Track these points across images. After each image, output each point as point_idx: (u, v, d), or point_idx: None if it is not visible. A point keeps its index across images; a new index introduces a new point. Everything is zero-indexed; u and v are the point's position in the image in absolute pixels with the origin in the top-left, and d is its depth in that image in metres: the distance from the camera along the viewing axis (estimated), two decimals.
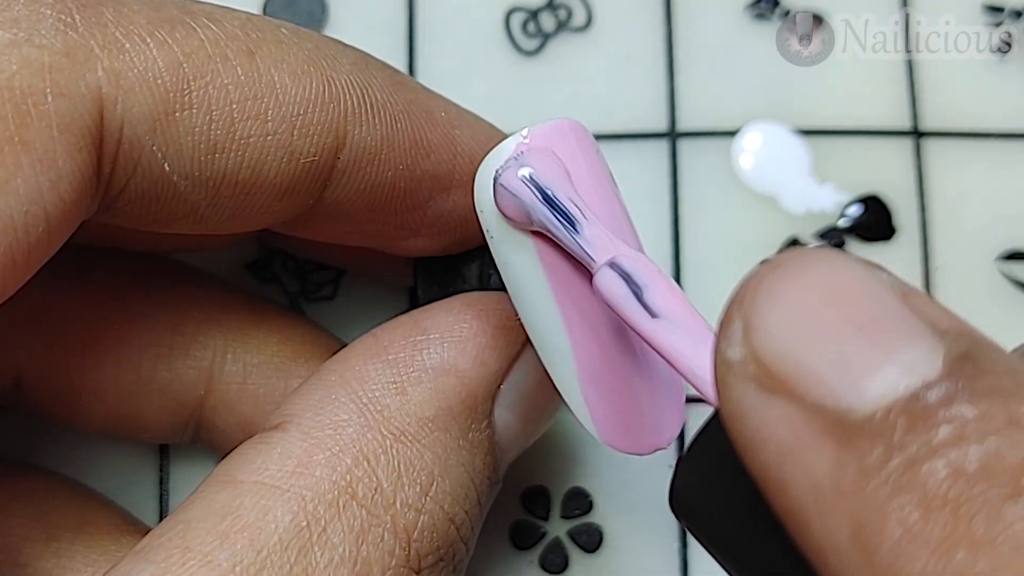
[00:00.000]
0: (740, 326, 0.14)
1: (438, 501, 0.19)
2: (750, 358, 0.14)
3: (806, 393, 0.13)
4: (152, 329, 0.22)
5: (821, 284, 0.14)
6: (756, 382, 0.14)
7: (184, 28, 0.18)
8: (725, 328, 0.14)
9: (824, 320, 0.13)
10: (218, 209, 0.19)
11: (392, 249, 0.21)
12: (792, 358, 0.13)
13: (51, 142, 0.16)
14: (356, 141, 0.19)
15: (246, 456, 0.18)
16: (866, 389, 0.13)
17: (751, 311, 0.14)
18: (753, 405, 0.14)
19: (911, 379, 0.13)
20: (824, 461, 0.13)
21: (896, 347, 0.13)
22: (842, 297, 0.14)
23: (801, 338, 0.13)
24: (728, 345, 0.14)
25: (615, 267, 0.17)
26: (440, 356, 0.19)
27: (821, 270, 0.14)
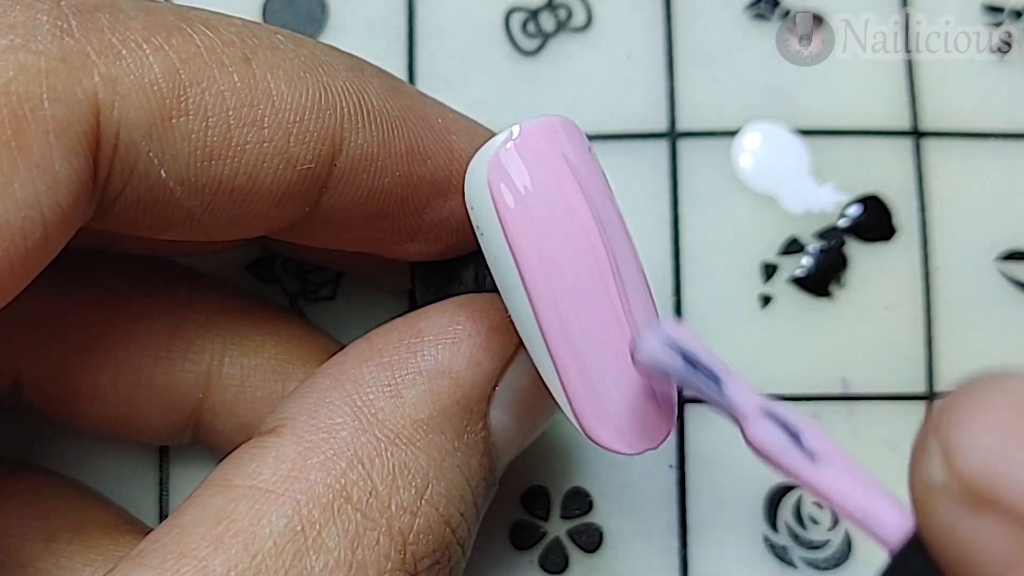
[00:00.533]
0: (938, 449, 0.14)
1: (433, 504, 0.19)
2: (953, 479, 0.14)
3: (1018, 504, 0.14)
4: (151, 332, 0.22)
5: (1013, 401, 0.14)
6: (963, 502, 0.14)
7: (180, 34, 0.18)
8: (922, 452, 0.15)
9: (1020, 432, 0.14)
10: (214, 215, 0.19)
11: (389, 254, 0.21)
12: (997, 474, 0.14)
13: (48, 147, 0.16)
14: (352, 148, 0.19)
15: (241, 460, 0.18)
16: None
17: (948, 434, 0.14)
18: (963, 524, 0.14)
19: None
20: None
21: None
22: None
23: (1003, 453, 0.14)
24: (928, 468, 0.14)
25: (771, 416, 0.17)
26: (434, 358, 0.19)
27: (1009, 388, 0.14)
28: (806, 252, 0.26)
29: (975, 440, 0.14)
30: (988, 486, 0.14)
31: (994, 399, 0.14)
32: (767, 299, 0.26)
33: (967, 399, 0.14)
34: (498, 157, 0.19)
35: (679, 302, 0.25)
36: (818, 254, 0.26)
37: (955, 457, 0.14)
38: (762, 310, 0.26)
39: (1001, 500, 0.14)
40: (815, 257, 0.26)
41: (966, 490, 0.14)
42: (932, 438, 0.15)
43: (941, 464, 0.14)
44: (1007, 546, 0.14)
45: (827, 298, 0.26)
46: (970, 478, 0.14)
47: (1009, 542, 0.14)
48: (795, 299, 0.26)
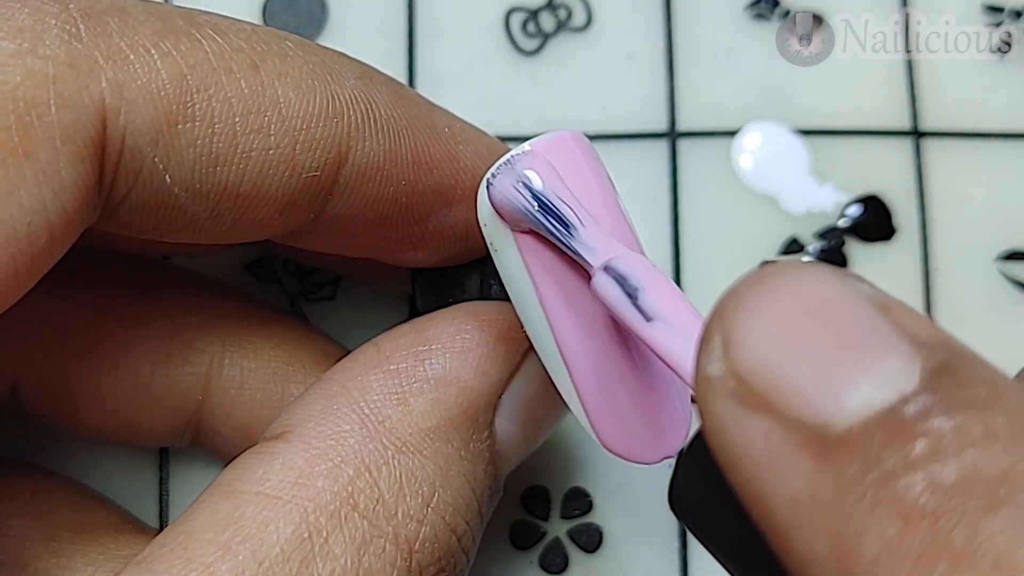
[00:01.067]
0: (720, 342, 0.14)
1: (439, 512, 0.19)
2: (730, 374, 0.14)
3: (785, 409, 0.13)
4: (150, 335, 0.22)
5: (799, 298, 0.14)
6: (736, 398, 0.14)
7: (189, 40, 0.18)
8: (705, 344, 0.14)
9: (802, 334, 0.13)
10: (218, 221, 0.19)
11: (391, 260, 0.21)
12: (771, 373, 0.13)
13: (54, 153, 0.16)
14: (359, 156, 0.19)
15: (248, 466, 0.18)
16: (844, 403, 0.13)
17: (730, 327, 0.14)
18: (733, 421, 0.14)
19: (888, 393, 0.13)
20: (802, 476, 0.13)
21: (873, 360, 0.13)
22: (820, 311, 0.14)
23: (780, 353, 0.13)
24: (708, 361, 0.14)
25: (609, 270, 0.17)
26: (442, 366, 0.19)
27: (800, 283, 0.14)
28: (806, 252, 0.26)
29: (754, 335, 0.14)
30: (761, 385, 0.13)
31: (777, 293, 0.14)
32: None
33: (754, 290, 0.14)
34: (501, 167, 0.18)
35: None
36: (818, 254, 0.26)
37: (733, 351, 0.14)
38: None
39: (771, 401, 0.13)
40: (815, 257, 0.26)
41: (740, 387, 0.14)
42: (716, 328, 0.14)
43: (720, 357, 0.14)
44: (769, 448, 0.13)
45: None
46: (744, 374, 0.14)
47: (771, 444, 0.13)
48: None
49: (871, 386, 0.13)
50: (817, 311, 0.14)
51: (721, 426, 0.14)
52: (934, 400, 0.13)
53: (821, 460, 0.13)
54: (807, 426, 0.13)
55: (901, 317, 0.14)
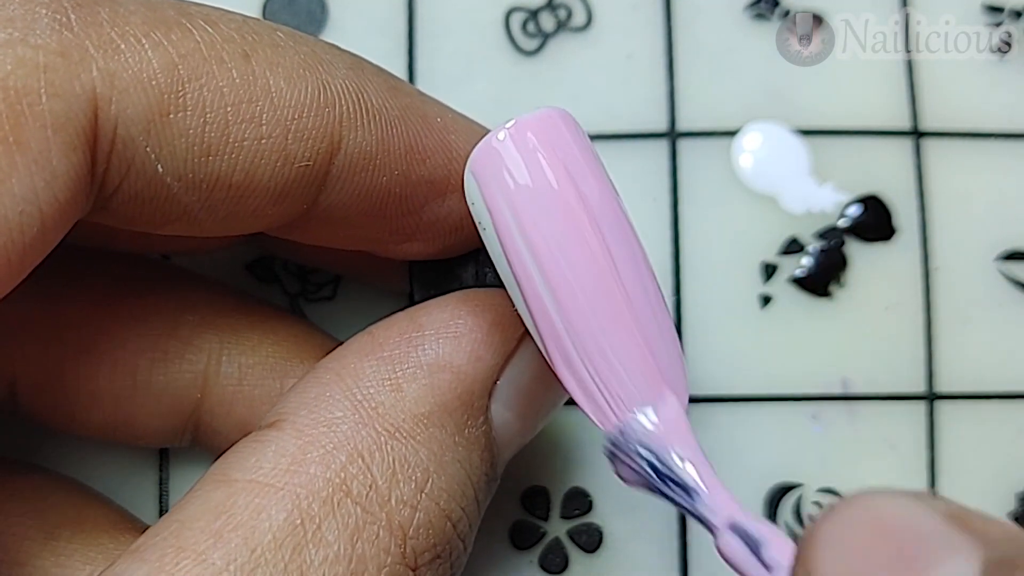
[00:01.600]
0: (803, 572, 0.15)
1: (434, 498, 0.19)
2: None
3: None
4: (147, 334, 0.22)
5: (871, 522, 0.14)
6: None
7: (180, 29, 0.18)
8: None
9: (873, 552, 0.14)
10: (212, 212, 0.19)
11: (387, 253, 0.21)
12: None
13: (46, 142, 0.16)
14: (351, 146, 0.19)
15: (241, 454, 0.18)
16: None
17: (810, 559, 0.15)
18: None
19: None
20: None
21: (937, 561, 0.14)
22: (889, 528, 0.14)
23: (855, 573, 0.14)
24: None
25: (737, 530, 0.18)
26: (435, 352, 0.19)
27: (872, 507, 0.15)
28: (806, 252, 0.26)
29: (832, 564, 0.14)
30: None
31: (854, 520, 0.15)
32: (767, 299, 0.26)
33: (829, 520, 0.15)
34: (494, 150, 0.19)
35: (679, 302, 0.25)
36: (818, 254, 0.26)
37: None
38: (762, 310, 0.26)
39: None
40: (815, 257, 0.26)
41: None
42: (799, 568, 0.15)
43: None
44: None
45: (827, 298, 0.26)
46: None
47: None
48: (795, 299, 0.26)
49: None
50: (885, 529, 0.14)
51: None
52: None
53: None
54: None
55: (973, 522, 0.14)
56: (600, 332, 0.19)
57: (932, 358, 0.25)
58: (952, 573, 0.14)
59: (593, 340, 0.19)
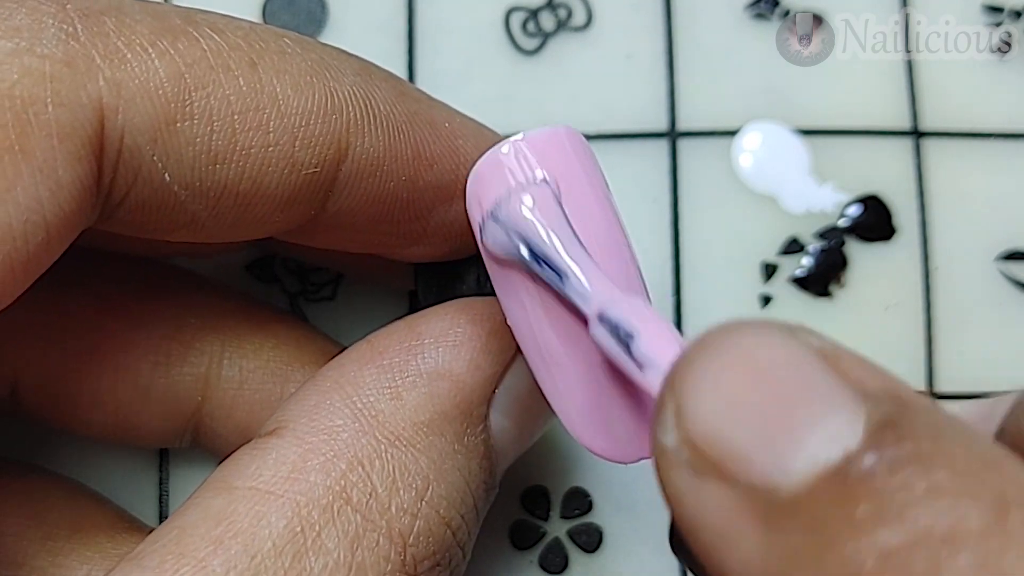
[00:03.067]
0: (672, 410, 0.14)
1: (434, 506, 0.19)
2: (683, 443, 0.14)
3: (736, 475, 0.13)
4: (149, 336, 0.22)
5: (745, 360, 0.14)
6: (690, 467, 0.14)
7: (186, 38, 0.18)
8: (659, 414, 0.14)
9: (749, 397, 0.13)
10: (219, 219, 0.19)
11: (394, 256, 0.21)
12: (721, 440, 0.13)
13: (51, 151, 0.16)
14: (358, 152, 0.19)
15: (241, 462, 0.18)
16: (791, 465, 0.13)
17: (681, 395, 0.14)
18: (689, 490, 0.14)
19: (832, 451, 0.13)
20: (754, 544, 0.13)
21: (818, 417, 0.13)
22: (765, 371, 0.14)
23: (728, 419, 0.13)
24: (663, 431, 0.14)
25: (603, 319, 0.17)
26: (435, 360, 0.19)
27: (745, 345, 0.14)
28: (806, 252, 0.26)
29: (704, 402, 0.14)
30: (713, 452, 0.13)
31: (724, 357, 0.14)
32: (767, 299, 0.26)
33: (702, 356, 0.14)
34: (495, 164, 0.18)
35: (679, 302, 0.25)
36: (818, 254, 0.26)
37: (685, 419, 0.14)
38: (762, 310, 0.26)
39: (723, 468, 0.13)
40: (815, 257, 0.26)
41: (693, 455, 0.13)
42: (668, 398, 0.14)
43: (673, 426, 0.14)
44: (723, 516, 0.13)
45: (827, 298, 0.26)
46: (696, 442, 0.13)
47: (725, 512, 0.13)
48: (795, 299, 0.26)
49: (816, 445, 0.13)
50: (763, 372, 0.14)
51: (678, 496, 0.14)
52: (877, 457, 0.13)
53: (770, 526, 0.13)
54: (757, 491, 0.13)
55: (850, 368, 0.13)
56: (585, 353, 0.18)
57: (932, 358, 0.25)
58: (836, 431, 0.13)
59: (573, 358, 0.19)
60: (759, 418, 0.13)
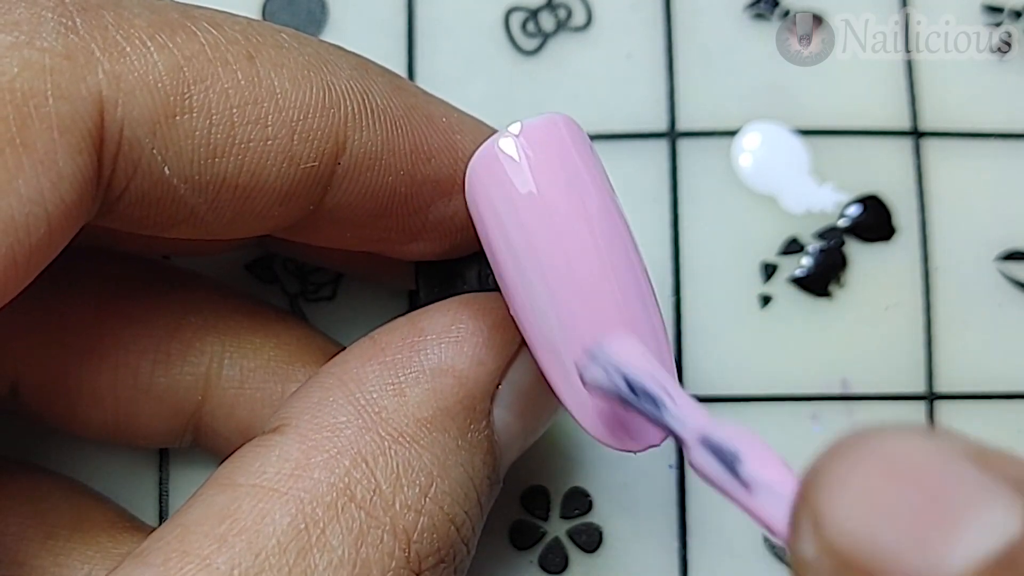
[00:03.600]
0: (809, 521, 0.14)
1: (437, 502, 0.19)
2: (824, 553, 0.13)
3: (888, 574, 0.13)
4: (150, 335, 0.22)
5: (885, 462, 0.13)
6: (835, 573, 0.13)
7: (185, 32, 0.18)
8: (795, 527, 0.14)
9: (893, 498, 0.13)
10: (218, 213, 0.19)
11: (393, 253, 0.21)
12: (867, 543, 0.13)
13: (52, 144, 0.16)
14: (356, 146, 0.19)
15: (244, 459, 0.18)
16: (949, 560, 0.13)
17: (818, 504, 0.14)
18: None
19: (993, 540, 0.13)
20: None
21: (972, 511, 0.13)
22: (908, 471, 0.13)
23: (872, 520, 0.13)
24: (800, 544, 0.14)
25: (709, 444, 0.16)
26: (437, 356, 0.19)
27: (883, 448, 0.14)
28: (806, 252, 0.26)
29: (844, 508, 0.13)
30: (859, 558, 0.13)
31: (861, 461, 0.14)
32: (767, 299, 0.26)
33: (834, 463, 0.14)
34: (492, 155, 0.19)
35: (679, 302, 0.25)
36: (818, 254, 0.26)
37: (824, 528, 0.13)
38: (762, 310, 0.26)
39: (870, 570, 0.13)
40: (815, 257, 0.26)
41: (837, 563, 0.13)
42: (803, 510, 0.14)
43: (811, 536, 0.13)
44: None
45: (827, 298, 0.26)
46: (840, 550, 0.13)
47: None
48: (795, 299, 0.26)
49: (974, 537, 0.13)
50: (905, 471, 0.13)
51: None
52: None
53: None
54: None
55: (997, 463, 0.13)
56: (590, 339, 0.19)
57: (932, 358, 0.25)
58: (993, 522, 0.13)
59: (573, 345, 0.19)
60: (906, 517, 0.13)
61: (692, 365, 0.25)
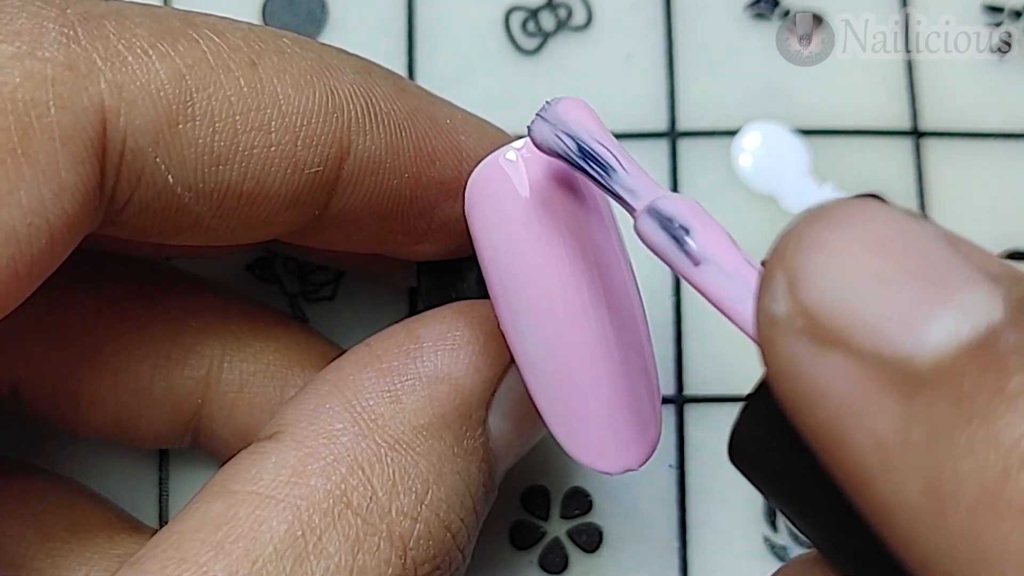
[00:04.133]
0: (783, 280, 0.13)
1: (433, 509, 0.19)
2: (797, 312, 0.13)
3: (863, 343, 0.13)
4: (150, 339, 0.22)
5: (866, 233, 0.13)
6: (807, 336, 0.13)
7: (186, 40, 0.18)
8: (767, 282, 0.13)
9: (874, 268, 0.13)
10: (223, 221, 0.19)
11: (399, 254, 0.21)
12: (844, 308, 0.13)
13: (54, 154, 0.16)
14: (360, 150, 0.19)
15: (241, 466, 0.18)
16: (927, 335, 0.12)
17: (795, 264, 0.13)
18: (804, 360, 0.13)
19: (974, 323, 0.12)
20: (889, 415, 0.12)
21: (953, 291, 0.13)
22: (890, 245, 0.13)
23: (852, 288, 0.13)
24: (772, 300, 0.13)
25: (653, 211, 0.16)
26: (433, 364, 0.19)
27: (865, 219, 0.13)
28: None
29: (822, 271, 0.13)
30: (834, 320, 0.13)
31: (843, 228, 0.13)
32: None
33: (817, 226, 0.13)
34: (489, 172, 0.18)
35: (679, 302, 0.25)
36: None
37: (800, 288, 0.13)
38: None
39: (847, 337, 0.13)
40: None
41: (810, 324, 0.13)
42: (778, 267, 0.13)
43: (785, 295, 0.13)
44: (848, 386, 0.13)
45: None
46: (814, 310, 0.13)
47: (850, 382, 0.13)
48: None
49: (954, 317, 0.12)
50: (887, 245, 0.13)
51: (791, 367, 0.13)
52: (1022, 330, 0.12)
53: (909, 398, 0.12)
54: (889, 362, 0.12)
55: (972, 252, 0.13)
56: (566, 374, 0.19)
57: None
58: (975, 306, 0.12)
59: (555, 378, 0.19)
60: (887, 287, 0.13)
61: (692, 365, 0.25)
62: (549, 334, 0.19)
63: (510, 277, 0.19)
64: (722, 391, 0.25)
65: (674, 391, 0.25)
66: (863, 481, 0.13)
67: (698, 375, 0.25)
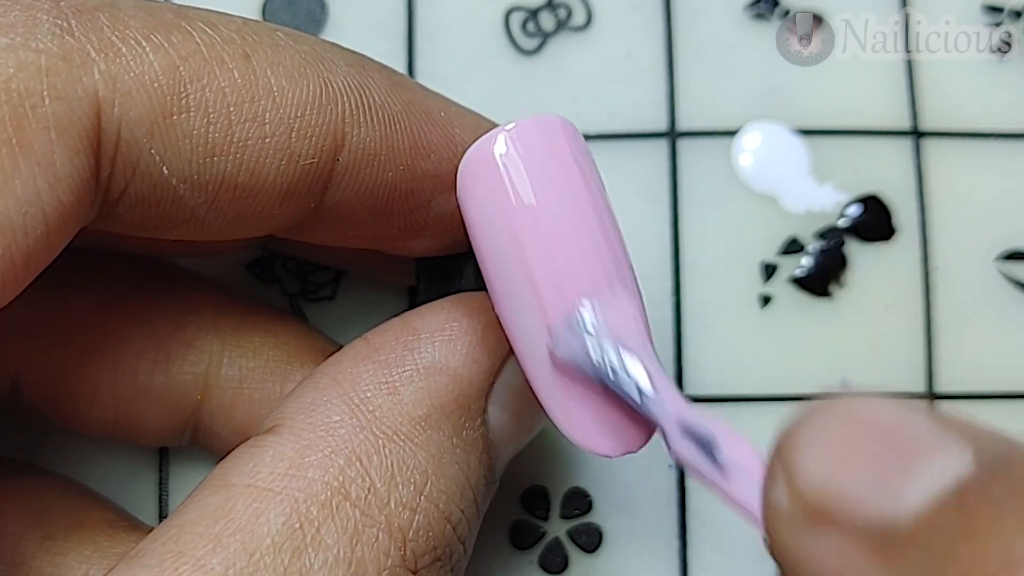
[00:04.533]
0: (782, 473, 0.15)
1: (433, 500, 0.19)
2: (794, 499, 0.15)
3: (849, 517, 0.14)
4: (150, 335, 0.22)
5: (849, 418, 0.15)
6: (803, 519, 0.14)
7: (180, 32, 0.18)
8: (770, 479, 0.15)
9: (856, 448, 0.14)
10: (218, 214, 0.19)
11: (394, 250, 0.21)
12: (831, 488, 0.14)
13: (49, 144, 0.16)
14: (355, 143, 0.19)
15: (239, 459, 0.18)
16: (906, 497, 0.14)
17: (789, 457, 0.15)
18: (803, 542, 0.14)
19: (945, 480, 0.14)
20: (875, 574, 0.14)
21: (927, 454, 0.14)
22: (871, 427, 0.15)
23: (837, 469, 0.14)
24: (775, 494, 0.15)
25: (688, 432, 0.17)
26: (431, 355, 0.19)
27: (846, 407, 0.15)
28: (806, 252, 0.26)
29: (812, 460, 0.15)
30: (823, 501, 0.14)
31: (827, 421, 0.15)
32: (767, 299, 0.26)
33: (804, 424, 0.15)
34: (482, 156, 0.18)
35: (679, 302, 0.25)
36: (818, 254, 0.26)
37: (795, 479, 0.15)
38: (762, 310, 0.26)
39: (835, 513, 0.14)
40: (815, 257, 0.26)
41: (806, 509, 0.14)
42: (777, 464, 0.15)
43: (784, 488, 0.15)
44: (841, 557, 0.14)
45: (827, 298, 0.26)
46: (807, 495, 0.14)
47: (843, 553, 0.14)
48: (795, 299, 0.26)
49: (929, 478, 0.14)
50: (869, 427, 0.15)
51: (793, 549, 0.15)
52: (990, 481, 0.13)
53: (890, 555, 0.14)
54: (874, 528, 0.14)
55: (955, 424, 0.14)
56: None
57: (932, 358, 0.25)
58: (944, 466, 0.14)
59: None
60: (867, 464, 0.14)
61: (692, 365, 0.25)
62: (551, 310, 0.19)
63: (505, 261, 0.18)
64: (722, 391, 0.25)
65: None
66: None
67: (698, 375, 0.25)
